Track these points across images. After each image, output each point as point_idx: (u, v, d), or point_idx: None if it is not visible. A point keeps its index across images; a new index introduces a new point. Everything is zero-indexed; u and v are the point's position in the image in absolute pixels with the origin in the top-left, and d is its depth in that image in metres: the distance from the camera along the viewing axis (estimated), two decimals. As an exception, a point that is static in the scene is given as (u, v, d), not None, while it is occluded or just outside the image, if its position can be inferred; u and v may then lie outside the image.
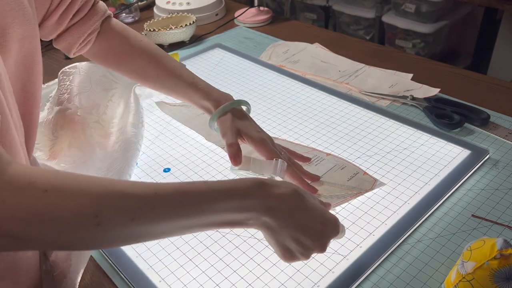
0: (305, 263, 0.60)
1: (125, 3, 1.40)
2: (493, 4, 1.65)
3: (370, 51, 1.14)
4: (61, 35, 0.68)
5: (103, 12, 0.71)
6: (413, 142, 0.80)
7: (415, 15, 1.97)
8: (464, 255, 0.54)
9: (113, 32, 0.72)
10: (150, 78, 0.73)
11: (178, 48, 1.21)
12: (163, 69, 0.72)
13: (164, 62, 0.73)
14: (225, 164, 0.78)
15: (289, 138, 0.83)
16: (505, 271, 0.50)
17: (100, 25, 0.70)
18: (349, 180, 0.72)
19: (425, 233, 0.64)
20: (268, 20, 1.34)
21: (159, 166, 0.79)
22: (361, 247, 0.62)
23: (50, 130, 0.80)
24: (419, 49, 2.02)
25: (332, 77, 1.03)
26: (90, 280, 0.62)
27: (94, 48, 0.71)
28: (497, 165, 0.75)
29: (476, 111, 0.85)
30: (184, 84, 0.72)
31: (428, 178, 0.72)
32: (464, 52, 2.14)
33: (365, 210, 0.67)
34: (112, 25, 0.72)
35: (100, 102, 0.82)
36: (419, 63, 1.08)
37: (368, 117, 0.88)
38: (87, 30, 0.68)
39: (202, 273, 0.60)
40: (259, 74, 1.06)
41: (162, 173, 0.78)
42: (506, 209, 0.66)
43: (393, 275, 0.59)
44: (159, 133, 0.88)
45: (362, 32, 2.23)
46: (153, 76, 0.73)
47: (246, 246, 0.64)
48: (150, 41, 0.75)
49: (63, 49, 0.70)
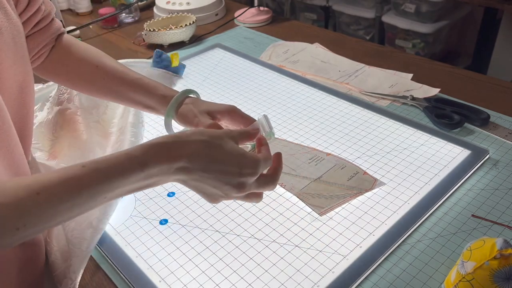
0: (305, 263, 0.60)
1: (125, 3, 1.40)
2: (493, 4, 1.65)
3: (370, 51, 1.14)
4: None
5: (59, 27, 0.69)
6: (413, 142, 0.80)
7: (415, 15, 1.97)
8: (464, 255, 0.54)
9: (63, 45, 0.70)
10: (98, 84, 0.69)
11: (178, 48, 1.21)
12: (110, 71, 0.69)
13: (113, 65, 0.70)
14: (225, 164, 0.78)
15: (289, 138, 0.83)
16: (505, 271, 0.50)
17: (55, 39, 0.69)
18: (349, 180, 0.72)
19: (425, 233, 0.64)
20: (268, 20, 1.34)
21: (159, 166, 0.79)
22: (361, 247, 0.62)
23: (50, 130, 0.80)
24: (419, 49, 2.02)
25: (332, 77, 1.03)
26: (90, 280, 0.62)
27: (45, 63, 0.69)
28: (497, 165, 0.75)
29: (476, 111, 0.85)
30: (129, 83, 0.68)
31: (428, 178, 0.72)
32: (464, 52, 2.14)
33: (365, 210, 0.67)
34: (64, 39, 0.70)
35: (100, 102, 0.82)
36: (419, 63, 1.08)
37: (368, 117, 0.88)
38: (42, 42, 0.66)
39: (202, 273, 0.60)
40: (259, 74, 1.06)
41: (162, 173, 0.78)
42: (506, 209, 0.66)
43: (393, 275, 0.59)
44: (159, 133, 0.88)
45: (362, 32, 2.23)
46: (100, 81, 0.69)
47: (246, 246, 0.64)
48: (99, 50, 0.72)
49: None
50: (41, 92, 0.95)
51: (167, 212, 0.70)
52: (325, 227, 0.65)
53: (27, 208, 0.39)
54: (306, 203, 0.69)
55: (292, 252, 0.62)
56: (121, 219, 0.69)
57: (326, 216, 0.67)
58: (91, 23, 1.36)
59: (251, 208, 0.69)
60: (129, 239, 0.66)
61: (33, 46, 0.65)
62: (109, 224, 0.68)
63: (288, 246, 0.63)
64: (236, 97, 0.98)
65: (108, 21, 1.37)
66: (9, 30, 0.53)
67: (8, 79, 0.53)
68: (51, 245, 0.64)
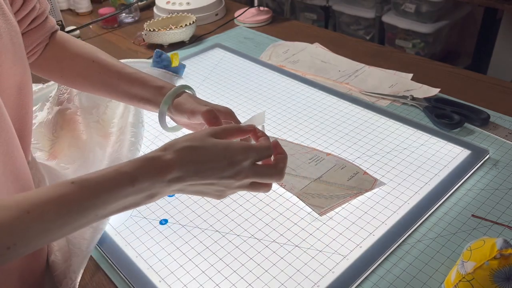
0: (305, 263, 0.60)
1: (125, 3, 1.40)
2: (493, 4, 1.65)
3: (370, 51, 1.14)
4: None
5: (53, 25, 0.69)
6: (413, 142, 0.80)
7: (415, 15, 1.97)
8: (464, 255, 0.54)
9: (57, 41, 0.70)
10: (93, 78, 0.69)
11: (178, 48, 1.21)
12: (106, 66, 0.68)
13: (108, 60, 0.69)
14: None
15: (289, 138, 0.83)
16: (505, 271, 0.50)
17: (49, 37, 0.68)
18: (349, 180, 0.72)
19: (425, 233, 0.64)
20: (268, 20, 1.34)
21: (159, 166, 0.79)
22: (361, 247, 0.62)
23: (50, 130, 0.80)
24: (419, 49, 2.02)
25: (332, 77, 1.03)
26: (90, 280, 0.62)
27: (38, 60, 0.69)
28: (497, 165, 0.75)
29: (476, 111, 0.85)
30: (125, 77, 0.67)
31: (428, 178, 0.72)
32: (464, 52, 2.14)
33: (365, 210, 0.67)
34: (57, 36, 0.70)
35: (100, 102, 0.82)
36: (419, 63, 1.08)
37: (368, 117, 0.88)
38: (36, 40, 0.66)
39: (202, 273, 0.60)
40: (259, 74, 1.06)
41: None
42: (506, 209, 0.66)
43: (393, 275, 0.59)
44: (159, 133, 0.88)
45: (362, 32, 2.23)
46: (96, 75, 0.68)
47: (246, 246, 0.64)
48: (93, 46, 0.72)
49: None
50: (41, 92, 0.95)
51: (167, 212, 0.70)
52: (325, 227, 0.65)
53: (18, 227, 0.39)
54: (306, 203, 0.69)
55: (292, 252, 0.62)
56: (121, 219, 0.69)
57: (326, 216, 0.67)
58: (91, 23, 1.36)
59: (251, 208, 0.69)
60: (129, 239, 0.66)
61: (27, 44, 0.64)
62: (109, 224, 0.68)
63: (288, 246, 0.63)
64: (236, 97, 0.98)
65: (108, 21, 1.37)
66: (7, 32, 0.52)
67: (7, 80, 0.53)
68: (51, 245, 0.64)
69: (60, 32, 0.71)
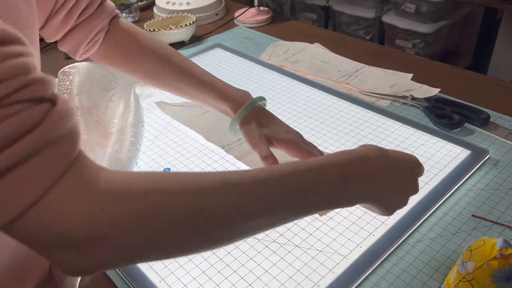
0: (305, 263, 0.60)
1: (125, 3, 1.40)
2: (493, 4, 1.65)
3: (370, 51, 1.14)
4: (67, 35, 0.64)
5: (111, 10, 0.67)
6: (413, 142, 0.80)
7: (415, 15, 1.97)
8: (464, 255, 0.54)
9: (121, 31, 0.68)
10: (160, 78, 0.70)
11: (178, 48, 1.21)
12: (174, 68, 0.69)
13: (175, 61, 0.69)
14: (225, 164, 0.78)
15: (289, 138, 0.83)
16: (505, 271, 0.50)
17: (108, 23, 0.67)
18: (349, 180, 0.72)
19: (425, 233, 0.64)
20: (268, 20, 1.34)
21: (159, 166, 0.79)
22: (361, 247, 0.62)
23: (50, 130, 0.79)
24: (419, 49, 2.02)
25: (332, 77, 1.03)
26: (90, 280, 0.62)
27: (101, 49, 0.68)
28: (497, 165, 0.75)
29: (476, 111, 0.85)
30: (197, 84, 0.68)
31: (428, 178, 0.72)
32: (464, 52, 2.15)
33: (365, 210, 0.67)
34: (120, 24, 0.69)
35: (100, 102, 0.82)
36: (419, 63, 1.08)
37: (368, 117, 0.88)
38: (94, 29, 0.65)
39: (202, 273, 0.60)
40: (259, 74, 1.06)
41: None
42: (506, 209, 0.66)
43: (393, 275, 0.59)
44: (159, 133, 0.88)
45: (362, 32, 2.23)
46: (163, 75, 0.69)
47: (246, 246, 0.64)
48: (159, 40, 0.71)
49: (69, 51, 0.67)
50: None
51: (167, 212, 0.70)
52: (325, 227, 0.65)
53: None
54: (306, 203, 0.69)
55: (292, 252, 0.62)
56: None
57: (326, 216, 0.67)
58: (91, 23, 1.36)
59: (251, 208, 0.69)
60: (129, 239, 0.66)
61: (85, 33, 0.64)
62: (109, 224, 0.68)
63: (288, 246, 0.63)
64: (236, 97, 0.98)
65: (108, 21, 1.37)
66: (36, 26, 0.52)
67: None
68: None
69: (123, 20, 0.70)
